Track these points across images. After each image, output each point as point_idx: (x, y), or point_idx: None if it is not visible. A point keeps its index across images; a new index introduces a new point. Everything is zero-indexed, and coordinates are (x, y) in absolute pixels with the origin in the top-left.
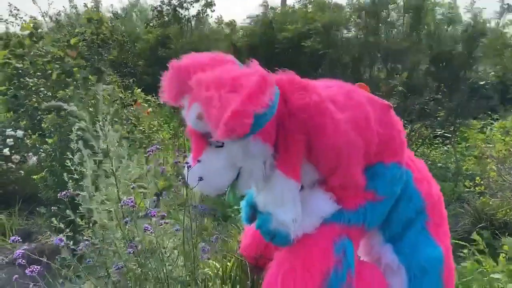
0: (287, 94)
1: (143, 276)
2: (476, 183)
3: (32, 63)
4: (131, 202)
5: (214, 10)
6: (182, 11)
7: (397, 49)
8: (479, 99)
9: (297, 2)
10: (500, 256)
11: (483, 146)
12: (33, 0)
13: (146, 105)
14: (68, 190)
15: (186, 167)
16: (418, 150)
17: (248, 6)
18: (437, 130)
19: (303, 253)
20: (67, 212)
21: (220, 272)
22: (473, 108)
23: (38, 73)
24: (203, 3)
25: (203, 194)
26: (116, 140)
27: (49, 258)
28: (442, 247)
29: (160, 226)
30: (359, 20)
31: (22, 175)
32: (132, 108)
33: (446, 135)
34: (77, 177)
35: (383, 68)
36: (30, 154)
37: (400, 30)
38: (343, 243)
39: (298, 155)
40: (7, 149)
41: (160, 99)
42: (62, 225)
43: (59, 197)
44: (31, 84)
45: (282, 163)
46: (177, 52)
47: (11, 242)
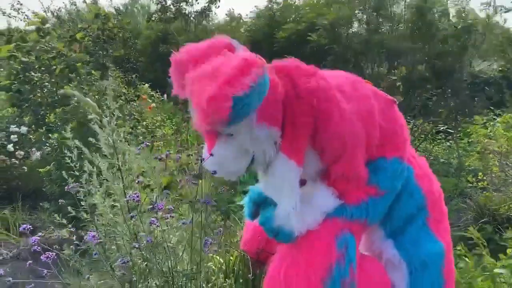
0: (294, 78)
1: (147, 270)
2: (479, 178)
3: (37, 57)
4: (137, 196)
5: (218, 6)
6: (187, 6)
7: (398, 46)
8: (480, 95)
9: None
10: (504, 251)
11: (486, 141)
12: None
13: (150, 100)
14: (75, 183)
15: (201, 160)
16: (421, 146)
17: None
18: (439, 125)
19: (306, 247)
20: (69, 208)
21: (223, 267)
22: (473, 104)
23: (42, 68)
24: None
25: (207, 190)
26: (122, 135)
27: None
28: (443, 242)
29: (166, 220)
30: (363, 16)
31: (26, 171)
32: (135, 104)
33: (448, 130)
34: (77, 173)
35: (385, 64)
36: (34, 149)
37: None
38: (345, 238)
39: (304, 138)
40: (11, 145)
41: (173, 91)
42: (65, 220)
43: (66, 190)
44: (36, 78)
45: (287, 146)
46: (179, 48)
47: (21, 230)
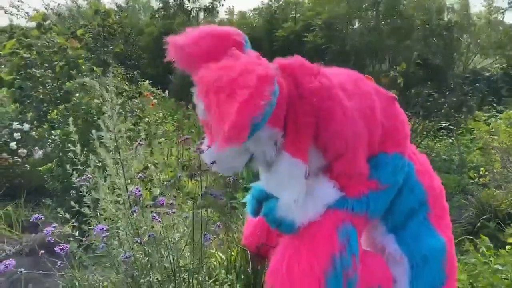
0: (298, 78)
1: (149, 265)
2: (481, 174)
3: (39, 53)
4: (139, 191)
5: (222, 5)
6: (189, 3)
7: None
8: (478, 92)
9: None
10: (505, 248)
11: (488, 137)
12: None
13: (152, 97)
14: (82, 177)
15: (201, 152)
16: (423, 143)
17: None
18: (441, 122)
19: (308, 238)
20: (72, 203)
21: (225, 263)
22: (470, 100)
23: (45, 64)
24: None
25: (208, 184)
26: (123, 131)
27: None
28: (444, 237)
29: (168, 215)
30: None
31: (28, 168)
32: (136, 101)
33: (450, 127)
34: (81, 168)
35: (384, 61)
36: (36, 148)
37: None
38: (347, 229)
39: (307, 137)
40: (14, 143)
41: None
42: (68, 215)
43: (74, 183)
44: (38, 75)
45: (290, 145)
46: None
47: (33, 220)
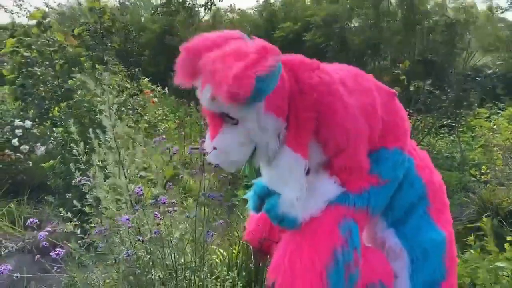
0: (298, 73)
1: (151, 263)
2: (482, 172)
3: (39, 52)
4: (140, 190)
5: (222, 1)
6: (191, 0)
7: (393, 40)
8: (478, 89)
9: None
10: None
11: (489, 134)
12: None
13: (152, 95)
14: (83, 177)
15: (203, 147)
16: (424, 140)
17: None
18: (443, 119)
19: (309, 233)
20: (75, 202)
21: (226, 260)
22: (470, 97)
23: (45, 62)
24: None
25: (210, 183)
26: (124, 129)
27: (58, 246)
28: (445, 232)
29: (169, 214)
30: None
31: (30, 165)
32: (138, 98)
33: (452, 124)
34: (83, 167)
35: (385, 58)
36: (38, 144)
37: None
38: (349, 224)
39: (308, 133)
40: (16, 139)
41: (175, 80)
42: (70, 214)
43: (73, 183)
44: (39, 73)
45: (291, 140)
46: (182, 41)
47: (28, 224)
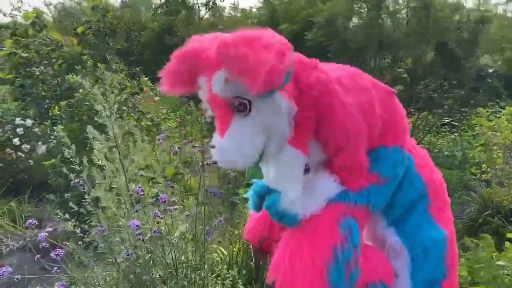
0: (296, 73)
1: (151, 262)
2: (483, 170)
3: (37, 52)
4: (141, 190)
5: (223, 0)
6: None
7: (400, 38)
8: (486, 88)
9: None
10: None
11: (490, 133)
12: None
13: (152, 93)
14: (79, 178)
15: (214, 144)
16: (425, 138)
17: None
18: (444, 118)
19: (309, 231)
20: (71, 204)
21: (227, 258)
22: (479, 96)
23: (44, 61)
24: None
25: (211, 182)
26: (124, 128)
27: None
28: (446, 230)
29: (170, 212)
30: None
31: (31, 164)
32: (139, 97)
33: (453, 123)
34: (78, 168)
35: (388, 57)
36: (39, 143)
37: (404, 19)
38: (348, 222)
39: (307, 132)
40: (17, 138)
41: (162, 88)
42: (69, 214)
43: (72, 184)
44: (37, 73)
45: (292, 138)
46: (183, 40)
47: (27, 225)
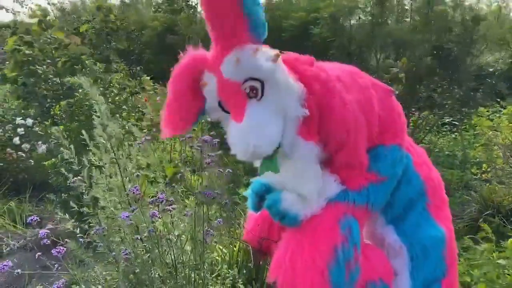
0: (295, 69)
1: (150, 262)
2: (483, 170)
3: (41, 50)
4: (137, 190)
5: None
6: None
7: (402, 37)
8: (486, 87)
9: None
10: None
11: (490, 133)
12: None
13: (152, 93)
14: (77, 178)
15: (233, 129)
16: (426, 138)
17: None
18: (445, 117)
19: (310, 231)
20: (71, 203)
21: (227, 258)
22: (479, 96)
23: (48, 60)
24: None
25: (210, 181)
26: (123, 128)
27: (59, 244)
28: (444, 228)
29: (169, 212)
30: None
31: (32, 163)
32: (140, 96)
33: (454, 122)
34: (77, 168)
35: (389, 55)
36: (40, 142)
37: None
38: (348, 221)
39: (314, 121)
40: (18, 138)
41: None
42: (69, 214)
43: (69, 184)
44: (40, 71)
45: (300, 130)
46: (184, 39)
47: (29, 222)
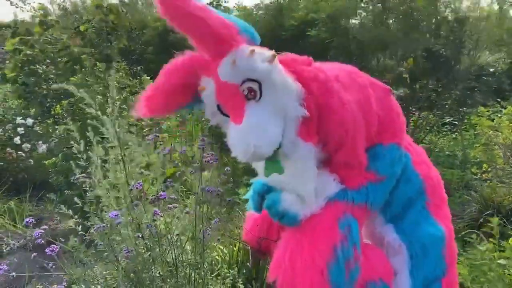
0: (293, 70)
1: (151, 260)
2: (484, 170)
3: (42, 50)
4: (140, 185)
5: (227, 1)
6: None
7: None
8: (483, 86)
9: None
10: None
11: (491, 133)
12: None
13: None
14: (81, 174)
15: (232, 131)
16: (426, 138)
17: None
18: (445, 117)
19: (309, 230)
20: (76, 199)
21: (227, 257)
22: (478, 96)
23: (47, 59)
24: None
25: (210, 180)
26: (126, 127)
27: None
28: (444, 227)
29: (170, 210)
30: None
31: (32, 163)
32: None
33: (454, 122)
34: (84, 164)
35: (389, 56)
36: (40, 142)
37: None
38: (348, 220)
39: (313, 121)
40: (18, 137)
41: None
42: (71, 211)
43: (72, 180)
44: (41, 71)
45: (300, 130)
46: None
47: (25, 223)
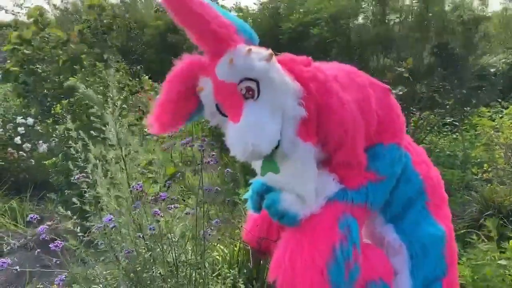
0: (291, 70)
1: (152, 260)
2: (484, 170)
3: (39, 49)
4: (140, 187)
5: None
6: None
7: (403, 36)
8: (487, 87)
9: None
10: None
11: (492, 133)
12: None
13: (152, 93)
14: (81, 174)
15: (231, 130)
16: (427, 138)
17: None
18: (446, 118)
19: (309, 230)
20: (74, 199)
21: (227, 257)
22: (481, 96)
23: (46, 58)
24: None
25: (211, 181)
26: (125, 126)
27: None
28: (444, 227)
29: (170, 210)
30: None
31: (33, 163)
32: (140, 96)
33: (454, 123)
34: (82, 164)
35: (390, 56)
36: (41, 142)
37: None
38: (347, 220)
39: (313, 121)
40: (18, 137)
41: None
42: (71, 211)
43: (72, 180)
44: (40, 70)
45: (299, 130)
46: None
47: (30, 219)
